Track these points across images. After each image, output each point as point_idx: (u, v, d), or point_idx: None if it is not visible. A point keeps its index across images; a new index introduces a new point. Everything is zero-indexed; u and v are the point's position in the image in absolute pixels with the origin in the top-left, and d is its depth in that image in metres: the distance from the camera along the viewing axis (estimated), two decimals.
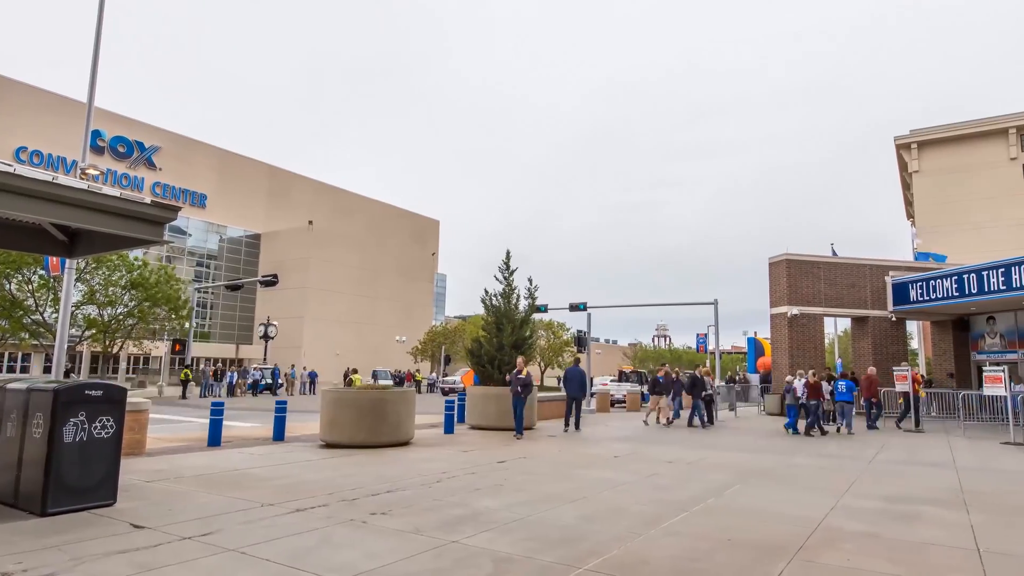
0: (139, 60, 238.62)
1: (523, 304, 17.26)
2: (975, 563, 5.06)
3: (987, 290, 18.13)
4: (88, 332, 35.54)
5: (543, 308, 29.06)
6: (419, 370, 56.00)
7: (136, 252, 36.28)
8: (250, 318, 66.90)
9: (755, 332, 41.36)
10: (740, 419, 21.46)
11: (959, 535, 5.94)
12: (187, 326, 37.58)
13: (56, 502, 5.93)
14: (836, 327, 47.06)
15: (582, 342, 33.20)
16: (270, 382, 38.68)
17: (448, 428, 14.57)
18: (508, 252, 17.30)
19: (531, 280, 17.54)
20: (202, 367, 40.12)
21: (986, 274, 18.19)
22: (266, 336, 40.05)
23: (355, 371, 29.01)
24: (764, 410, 24.35)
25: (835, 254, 25.98)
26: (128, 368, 53.42)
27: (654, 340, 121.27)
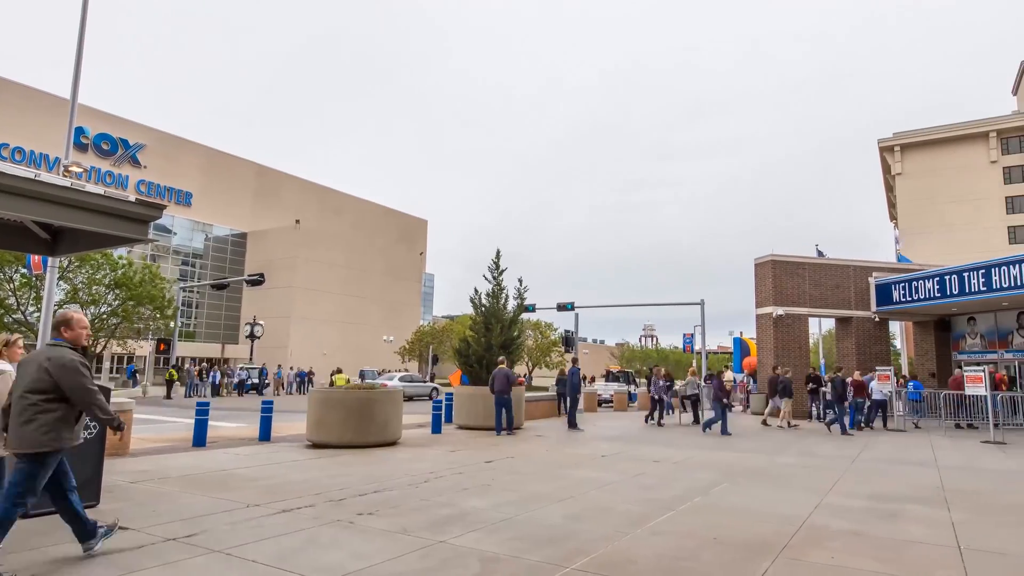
0: (124, 57, 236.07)
1: (512, 304, 17.29)
2: (956, 560, 5.14)
3: (968, 291, 18.39)
4: None
5: (531, 308, 29.11)
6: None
7: (120, 251, 35.86)
8: (236, 318, 66.37)
9: (741, 332, 41.72)
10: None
11: (941, 533, 6.03)
12: (172, 325, 37.20)
13: (38, 503, 5.82)
14: (820, 327, 47.53)
15: (570, 342, 33.31)
16: (256, 382, 38.43)
17: (436, 428, 14.56)
18: (498, 252, 17.34)
19: (521, 280, 17.65)
20: (186, 367, 39.72)
21: (967, 275, 18.45)
22: (252, 336, 39.74)
23: (339, 371, 28.70)
24: (750, 409, 24.56)
25: (821, 255, 26.24)
26: (112, 368, 52.83)
27: (641, 340, 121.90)
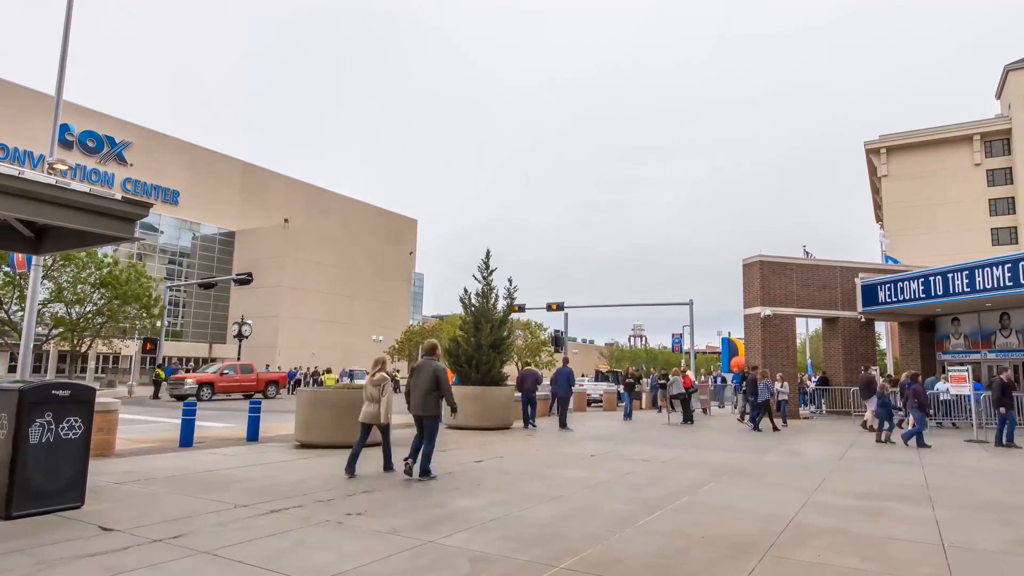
0: (110, 54, 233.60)
1: (502, 304, 17.29)
2: (940, 557, 5.21)
3: (952, 292, 18.62)
4: (55, 331, 34.69)
5: (522, 308, 29.12)
6: (398, 370, 55.73)
7: (106, 249, 35.50)
8: (224, 317, 65.90)
9: (729, 332, 41.93)
10: (713, 418, 21.78)
11: (925, 530, 6.10)
12: (159, 325, 36.86)
13: (21, 505, 5.78)
14: (808, 327, 47.93)
15: (559, 342, 33.37)
16: None
17: None
18: (488, 252, 17.35)
19: (511, 280, 17.65)
20: (169, 366, 39.36)
21: (951, 276, 18.69)
22: (240, 335, 39.40)
23: (328, 371, 28.34)
24: (737, 409, 24.70)
25: (808, 255, 26.47)
26: (97, 367, 52.27)
27: (630, 340, 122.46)
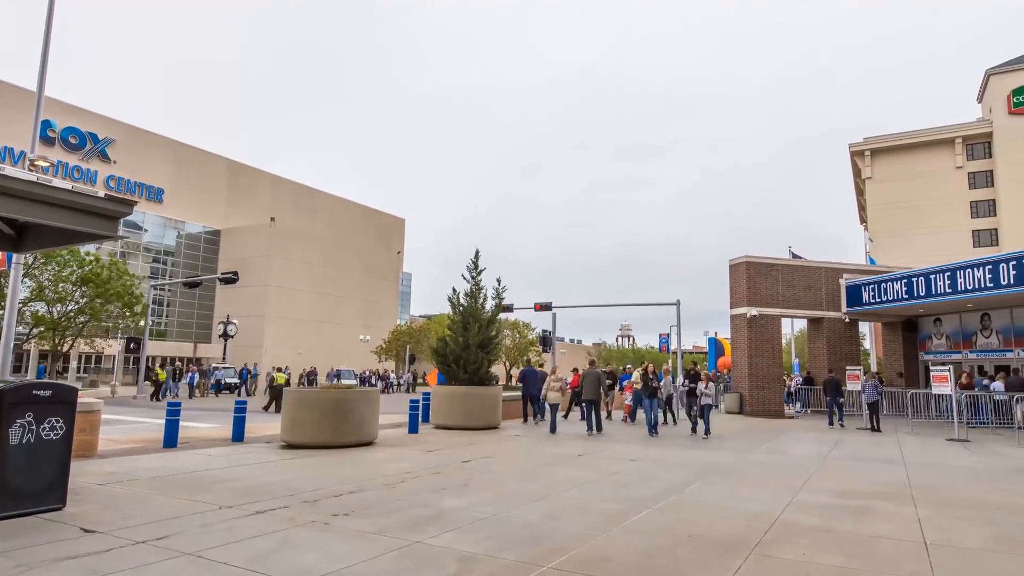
0: (94, 51, 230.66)
1: (490, 304, 17.28)
2: (922, 555, 5.28)
3: (934, 293, 18.88)
4: (36, 330, 34.20)
5: (510, 308, 29.12)
6: (389, 371, 55.54)
7: (88, 247, 35.02)
8: (209, 316, 65.25)
9: (716, 332, 42.25)
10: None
11: (908, 528, 6.18)
12: (142, 324, 36.42)
13: (1, 507, 5.69)
14: (793, 328, 48.40)
15: (547, 342, 33.44)
16: (235, 382, 37.08)
17: (412, 428, 14.48)
18: (477, 252, 17.34)
19: (499, 280, 17.64)
20: (157, 365, 38.90)
21: (933, 278, 18.95)
22: (225, 335, 39.10)
23: (279, 369, 26.40)
24: (723, 409, 24.86)
25: (793, 256, 26.71)
26: (79, 367, 51.58)
27: (618, 340, 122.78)
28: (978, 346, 20.99)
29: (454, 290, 17.18)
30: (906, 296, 19.85)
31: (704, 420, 15.04)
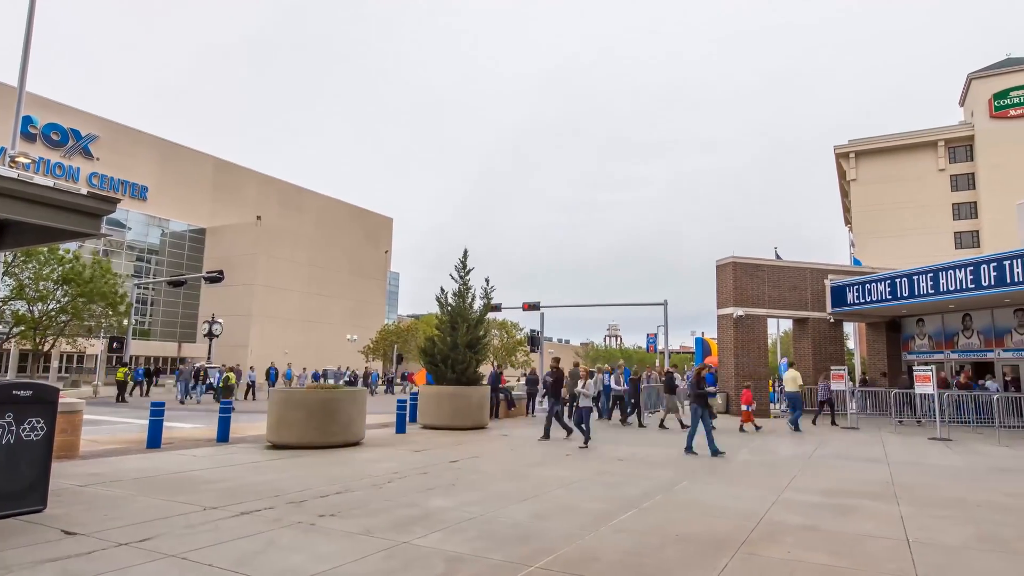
0: (77, 45, 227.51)
1: (478, 304, 17.26)
2: (905, 552, 5.34)
3: (917, 294, 19.10)
4: (16, 329, 33.69)
5: (498, 307, 29.08)
6: (376, 370, 55.30)
7: (70, 245, 34.56)
8: (194, 316, 64.63)
9: (703, 332, 42.42)
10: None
11: (891, 527, 6.25)
12: (125, 323, 35.98)
13: None
14: (779, 328, 48.71)
15: (535, 341, 33.42)
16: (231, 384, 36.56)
17: (400, 428, 14.43)
18: (465, 252, 17.32)
19: (488, 280, 17.62)
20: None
21: (916, 278, 19.17)
22: (210, 334, 38.65)
23: (230, 369, 25.07)
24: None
25: (779, 257, 26.91)
26: (61, 367, 50.86)
27: (606, 340, 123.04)
28: (960, 346, 21.28)
29: (442, 289, 17.16)
30: (890, 297, 20.07)
31: (584, 427, 12.48)
